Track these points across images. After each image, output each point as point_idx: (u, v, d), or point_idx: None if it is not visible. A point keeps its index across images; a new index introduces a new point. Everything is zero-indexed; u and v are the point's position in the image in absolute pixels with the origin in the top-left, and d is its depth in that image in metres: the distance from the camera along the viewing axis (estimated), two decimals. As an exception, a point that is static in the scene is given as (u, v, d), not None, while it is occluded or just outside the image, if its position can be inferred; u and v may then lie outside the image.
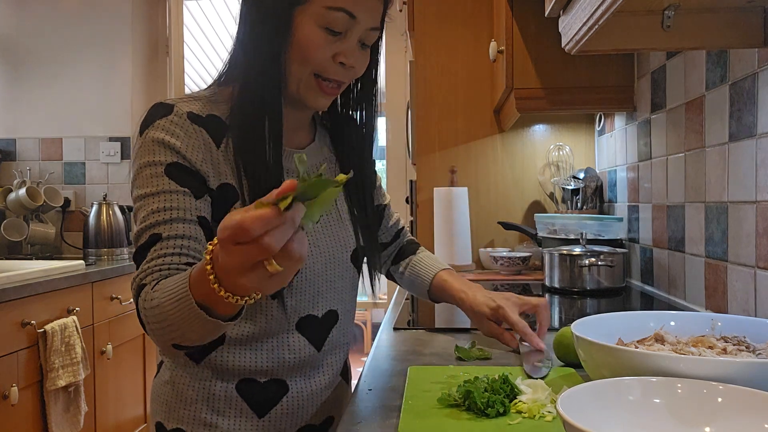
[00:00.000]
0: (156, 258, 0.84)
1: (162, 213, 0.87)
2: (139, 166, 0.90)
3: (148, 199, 0.88)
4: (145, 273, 0.84)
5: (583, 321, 0.88)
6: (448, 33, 2.41)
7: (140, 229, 0.88)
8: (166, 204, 0.87)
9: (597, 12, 1.03)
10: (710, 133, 1.37)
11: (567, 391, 0.62)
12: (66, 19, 3.23)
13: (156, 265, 0.84)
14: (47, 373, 2.20)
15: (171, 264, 0.84)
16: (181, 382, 0.98)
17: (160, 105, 0.92)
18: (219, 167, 0.92)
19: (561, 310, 1.59)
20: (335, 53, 0.93)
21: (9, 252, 3.05)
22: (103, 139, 3.25)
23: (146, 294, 0.81)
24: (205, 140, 0.92)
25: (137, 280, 0.85)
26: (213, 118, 0.94)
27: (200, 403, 0.97)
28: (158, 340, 0.83)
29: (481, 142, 2.42)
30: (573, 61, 1.86)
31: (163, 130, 0.90)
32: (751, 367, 0.68)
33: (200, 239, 0.88)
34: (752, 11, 1.15)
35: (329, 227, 1.03)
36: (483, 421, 0.74)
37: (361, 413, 0.80)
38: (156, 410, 1.01)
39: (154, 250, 0.85)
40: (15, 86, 3.24)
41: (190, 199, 0.89)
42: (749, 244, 1.21)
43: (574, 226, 1.94)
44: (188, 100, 0.95)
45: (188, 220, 0.87)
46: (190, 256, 0.86)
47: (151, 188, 0.88)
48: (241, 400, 0.97)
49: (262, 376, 0.98)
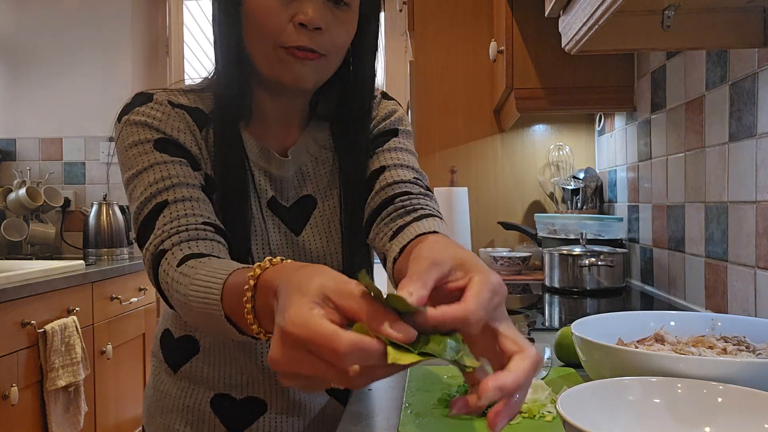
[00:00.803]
0: (169, 222, 0.75)
1: (161, 182, 0.79)
2: (124, 148, 0.82)
3: (141, 176, 0.80)
4: (161, 238, 0.75)
5: (583, 321, 0.88)
6: (448, 33, 2.41)
7: (140, 204, 0.79)
8: (163, 174, 0.79)
9: (597, 12, 1.03)
10: (710, 133, 1.38)
11: (567, 391, 0.62)
12: (66, 19, 3.23)
13: (173, 228, 0.75)
14: (47, 373, 2.20)
15: (188, 225, 0.75)
16: (161, 389, 0.95)
17: (140, 94, 0.86)
18: (203, 153, 0.85)
19: (561, 310, 1.59)
20: (293, 14, 0.79)
21: (9, 252, 3.05)
22: (103, 139, 3.25)
23: (168, 268, 0.71)
24: (188, 122, 0.85)
25: (152, 248, 0.75)
26: (196, 110, 0.87)
27: (175, 413, 0.93)
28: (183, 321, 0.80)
29: (481, 142, 2.42)
30: (573, 61, 1.86)
31: (143, 114, 0.83)
32: (751, 367, 0.68)
33: (206, 200, 0.80)
34: (752, 11, 1.15)
35: (311, 242, 0.92)
36: (483, 421, 0.74)
37: (361, 413, 0.80)
38: (143, 413, 1.00)
39: (164, 215, 0.76)
40: (15, 86, 3.25)
41: (187, 168, 0.81)
42: (749, 244, 1.21)
43: (574, 226, 1.95)
44: (171, 92, 0.88)
45: (191, 185, 0.79)
46: (203, 216, 0.78)
47: (142, 165, 0.80)
48: (214, 416, 0.91)
49: (238, 392, 0.92)
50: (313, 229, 0.92)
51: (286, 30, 0.79)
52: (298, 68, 0.81)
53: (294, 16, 0.79)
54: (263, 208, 0.88)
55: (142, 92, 0.87)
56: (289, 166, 0.91)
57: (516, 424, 0.73)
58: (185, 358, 0.92)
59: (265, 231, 0.88)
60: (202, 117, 0.87)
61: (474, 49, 2.39)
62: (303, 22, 0.79)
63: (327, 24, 0.80)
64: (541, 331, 1.30)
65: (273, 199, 0.90)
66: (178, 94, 0.88)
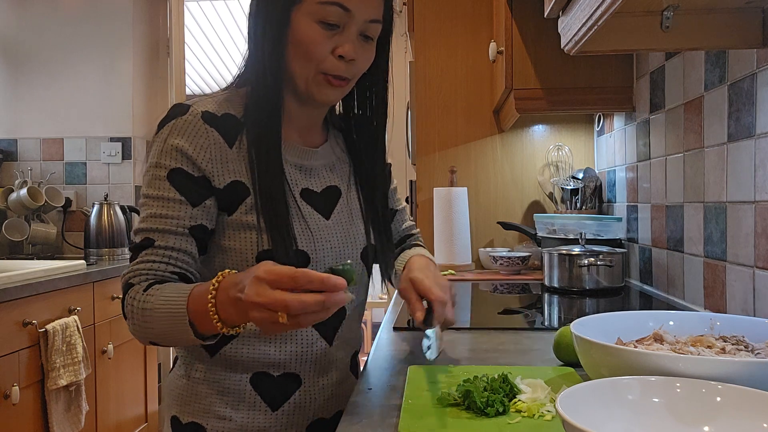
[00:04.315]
0: (145, 262, 0.91)
1: (158, 219, 0.92)
2: (149, 165, 0.95)
3: (149, 201, 0.93)
4: (133, 273, 0.90)
5: (582, 321, 0.89)
6: (448, 33, 2.41)
7: (139, 228, 0.94)
8: (162, 210, 0.92)
9: (596, 13, 1.03)
10: (709, 134, 1.38)
11: (566, 391, 0.63)
12: (67, 19, 3.23)
13: (144, 269, 0.90)
14: (48, 373, 2.21)
15: (158, 270, 0.91)
16: (195, 376, 1.00)
17: (178, 105, 0.96)
18: (229, 165, 0.95)
19: (560, 309, 1.59)
20: (334, 47, 0.94)
21: (10, 252, 3.05)
22: (104, 140, 3.26)
23: (136, 294, 0.88)
24: (216, 140, 0.94)
25: (124, 279, 0.92)
26: (228, 116, 0.96)
27: (214, 397, 0.99)
28: (138, 335, 0.91)
29: (480, 143, 2.42)
30: (572, 62, 1.86)
31: (174, 130, 0.94)
32: (750, 366, 0.68)
33: (189, 251, 0.93)
34: (751, 12, 1.15)
35: (339, 224, 1.04)
36: (482, 420, 0.75)
37: (361, 413, 0.80)
38: (171, 404, 1.03)
39: (146, 254, 0.91)
40: (16, 86, 3.25)
41: (187, 208, 0.93)
42: (748, 244, 1.22)
43: (574, 226, 1.95)
44: (206, 99, 0.98)
45: (181, 233, 0.92)
46: (177, 267, 0.92)
47: (153, 190, 0.93)
48: (255, 393, 0.99)
49: (275, 370, 1.00)
50: (338, 215, 1.05)
51: (327, 59, 0.94)
52: (331, 91, 0.98)
53: (335, 49, 0.94)
54: (297, 199, 1.00)
55: (181, 103, 0.97)
56: (319, 157, 1.06)
57: (516, 424, 0.74)
58: (225, 340, 0.98)
59: (302, 217, 0.99)
60: (235, 124, 0.97)
61: (474, 50, 2.40)
62: (342, 55, 0.94)
63: (357, 55, 0.96)
64: (541, 330, 1.30)
65: (305, 189, 1.02)
66: (210, 103, 0.97)
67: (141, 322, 0.87)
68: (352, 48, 0.94)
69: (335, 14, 0.92)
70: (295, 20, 0.93)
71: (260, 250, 0.95)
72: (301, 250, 0.97)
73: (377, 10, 0.97)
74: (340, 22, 0.93)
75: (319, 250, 0.99)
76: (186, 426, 0.99)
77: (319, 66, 0.95)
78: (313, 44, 0.93)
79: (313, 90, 0.97)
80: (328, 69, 0.95)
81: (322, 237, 1.00)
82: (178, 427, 1.00)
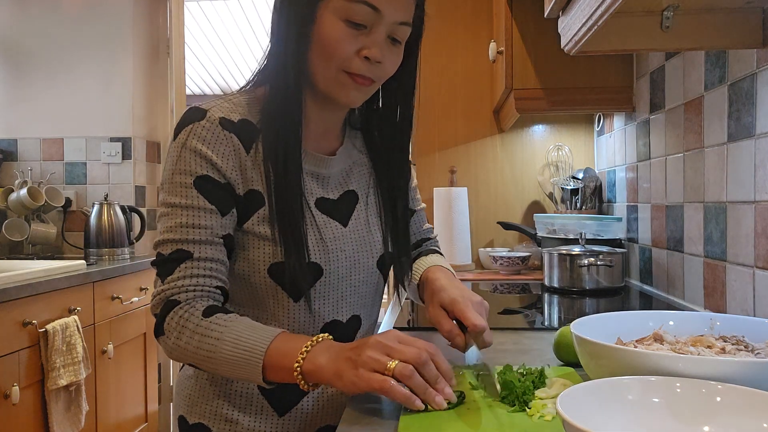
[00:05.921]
0: (189, 277, 0.88)
1: (191, 230, 0.88)
2: (171, 172, 0.91)
3: (176, 210, 0.89)
4: (178, 289, 0.87)
5: (582, 321, 0.89)
6: (448, 33, 2.41)
7: (166, 239, 0.89)
8: (194, 221, 0.89)
9: (596, 13, 1.04)
10: (709, 134, 1.38)
11: (566, 391, 0.63)
12: (67, 19, 3.23)
13: (190, 285, 0.87)
14: (48, 373, 2.21)
15: (205, 285, 0.88)
16: (203, 377, 0.99)
17: (195, 109, 0.92)
18: (247, 173, 0.92)
19: (560, 309, 1.59)
20: (360, 48, 0.90)
21: (10, 252, 3.05)
22: (104, 140, 3.25)
23: (189, 315, 0.86)
24: (235, 146, 0.91)
25: (165, 294, 0.88)
26: (245, 123, 0.93)
27: (222, 399, 0.98)
28: (176, 354, 0.87)
29: (480, 143, 2.42)
30: (572, 62, 1.86)
31: (196, 136, 0.90)
32: (750, 366, 0.68)
33: (225, 262, 0.92)
34: (751, 12, 1.15)
35: (356, 231, 1.02)
36: (482, 420, 0.75)
37: (361, 413, 0.80)
38: (179, 404, 1.02)
39: (186, 267, 0.88)
40: (16, 86, 3.25)
41: (217, 217, 0.90)
42: (748, 244, 1.22)
43: (574, 226, 1.95)
44: (222, 104, 0.94)
45: (216, 243, 0.90)
46: (219, 280, 0.90)
47: (179, 199, 0.89)
48: (262, 398, 0.98)
49: None
50: (356, 221, 1.02)
51: (352, 60, 0.90)
52: (354, 92, 0.93)
53: (361, 50, 0.90)
54: (312, 209, 0.97)
55: (197, 106, 0.93)
56: (335, 164, 1.02)
57: (515, 423, 0.74)
58: None
59: (317, 228, 0.96)
60: (252, 131, 0.93)
61: (474, 50, 2.40)
62: (368, 56, 0.90)
63: (384, 58, 0.92)
64: (540, 330, 1.30)
65: (320, 198, 0.99)
66: (226, 108, 0.94)
67: (193, 347, 0.84)
68: (378, 50, 0.90)
69: (363, 13, 0.88)
70: (320, 16, 0.89)
71: (272, 263, 0.92)
72: (313, 262, 0.94)
73: (407, 12, 0.93)
74: (368, 22, 0.89)
75: (332, 261, 0.97)
76: (193, 426, 0.99)
77: (342, 65, 0.90)
78: (336, 42, 0.89)
79: (334, 90, 0.93)
80: (353, 69, 0.90)
81: (336, 247, 0.98)
82: (185, 427, 1.00)
